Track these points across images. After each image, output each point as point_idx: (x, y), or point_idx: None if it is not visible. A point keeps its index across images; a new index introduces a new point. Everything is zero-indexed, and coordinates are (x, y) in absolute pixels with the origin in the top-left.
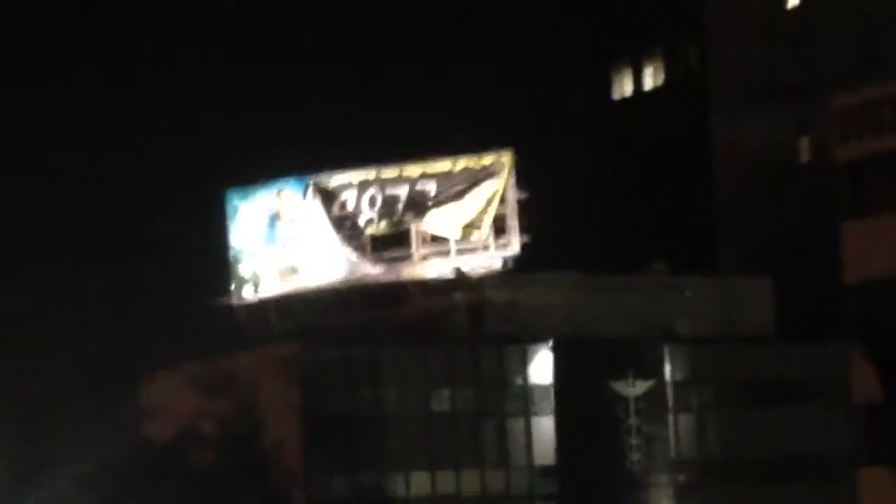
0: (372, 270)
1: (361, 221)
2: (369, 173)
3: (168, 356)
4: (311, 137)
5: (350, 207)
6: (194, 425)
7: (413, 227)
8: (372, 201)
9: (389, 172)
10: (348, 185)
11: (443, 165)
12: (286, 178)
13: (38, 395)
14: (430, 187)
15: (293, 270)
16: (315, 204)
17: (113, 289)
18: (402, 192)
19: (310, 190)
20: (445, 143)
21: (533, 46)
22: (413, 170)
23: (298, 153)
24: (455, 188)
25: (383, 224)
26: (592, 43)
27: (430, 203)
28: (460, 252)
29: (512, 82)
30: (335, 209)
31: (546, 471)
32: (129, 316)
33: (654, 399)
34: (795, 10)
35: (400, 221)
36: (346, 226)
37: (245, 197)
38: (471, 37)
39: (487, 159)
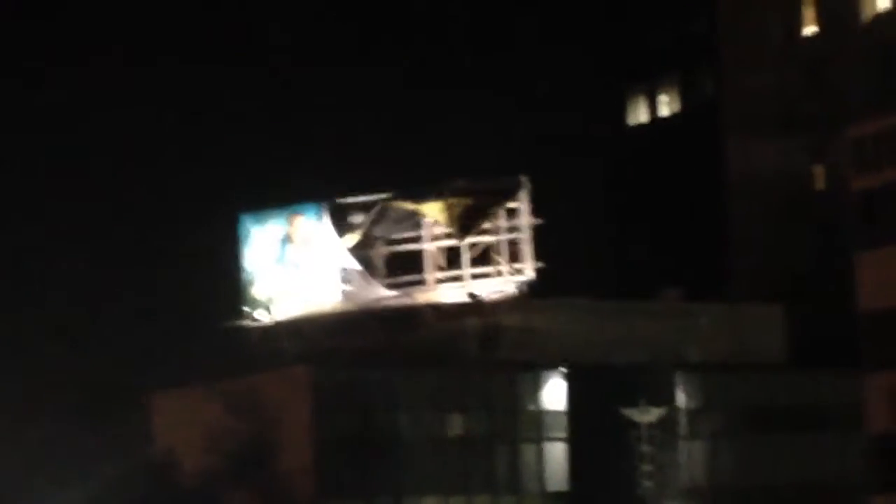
0: (385, 294)
1: (374, 245)
2: (382, 198)
3: (181, 378)
4: (325, 163)
5: (362, 231)
6: (203, 447)
7: (426, 252)
8: (384, 225)
9: (402, 197)
10: (361, 210)
11: (456, 190)
12: (299, 203)
13: (46, 416)
14: (444, 213)
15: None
16: (327, 228)
17: (126, 311)
18: (415, 216)
19: (322, 214)
20: (460, 169)
21: (548, 73)
22: (427, 195)
23: (312, 178)
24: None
25: (396, 248)
26: (608, 70)
27: (442, 227)
28: (474, 277)
29: (527, 109)
30: (348, 233)
31: (558, 497)
32: (143, 338)
33: (666, 426)
34: (811, 38)
35: (413, 245)
36: (358, 250)
37: (258, 221)
38: (486, 64)
39: (501, 185)
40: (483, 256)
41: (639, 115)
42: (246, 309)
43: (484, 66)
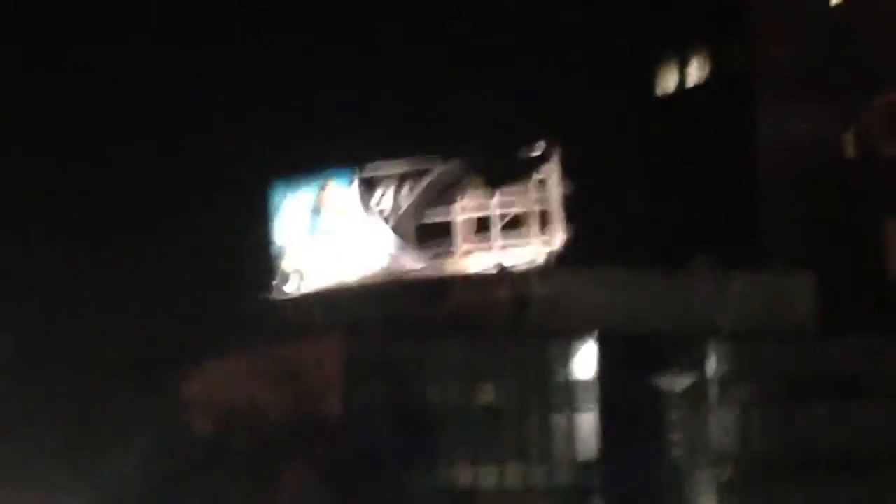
0: (414, 264)
1: (404, 214)
2: (413, 164)
3: (211, 350)
4: (356, 131)
5: (393, 199)
6: (233, 420)
7: (456, 221)
8: (413, 193)
9: (432, 164)
10: (392, 178)
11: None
12: (330, 171)
13: (79, 388)
14: (472, 178)
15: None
16: (358, 196)
17: (155, 283)
18: (443, 182)
19: (354, 182)
20: (490, 136)
21: (576, 41)
22: (455, 161)
23: (343, 146)
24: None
25: (425, 215)
26: (636, 37)
27: (472, 194)
28: (504, 246)
29: (555, 77)
30: (378, 201)
31: (589, 465)
32: (172, 310)
33: (697, 395)
34: (840, 5)
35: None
36: (389, 219)
37: (289, 190)
38: (514, 31)
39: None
40: (513, 225)
41: (668, 82)
42: (276, 280)
43: (512, 33)
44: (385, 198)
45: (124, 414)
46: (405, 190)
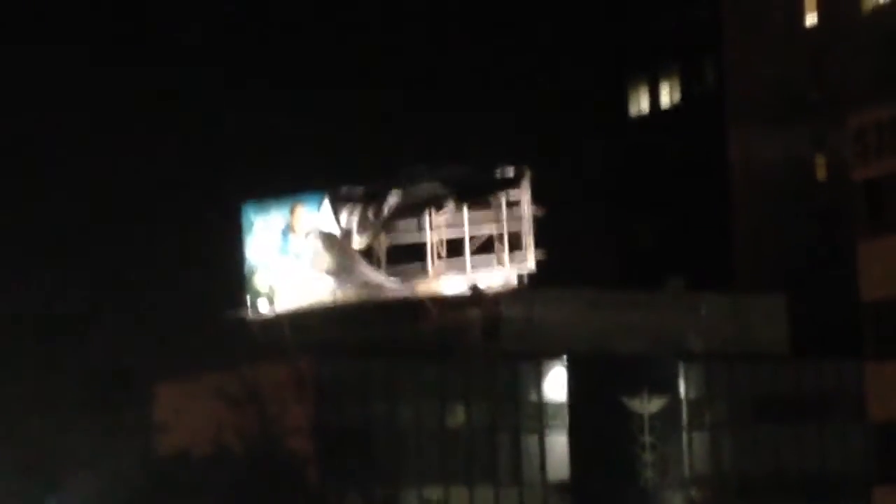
0: (387, 285)
1: (374, 235)
2: (384, 186)
3: (182, 370)
4: (328, 153)
5: (363, 221)
6: (204, 439)
7: (428, 242)
8: (385, 214)
9: (406, 184)
10: (362, 199)
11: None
12: (301, 193)
13: (50, 407)
14: (446, 201)
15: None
16: (329, 218)
17: (127, 302)
18: (416, 204)
19: (324, 204)
20: (461, 159)
21: (549, 63)
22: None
23: (314, 168)
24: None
25: (398, 239)
26: (609, 59)
27: (443, 215)
28: (476, 267)
29: (529, 99)
30: (349, 223)
31: (560, 487)
32: (144, 329)
33: (668, 416)
34: (813, 27)
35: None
36: (360, 238)
37: (260, 211)
38: (487, 55)
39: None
40: (485, 247)
41: (640, 104)
42: (248, 299)
43: (483, 56)
44: (355, 217)
45: (91, 434)
46: (375, 210)
